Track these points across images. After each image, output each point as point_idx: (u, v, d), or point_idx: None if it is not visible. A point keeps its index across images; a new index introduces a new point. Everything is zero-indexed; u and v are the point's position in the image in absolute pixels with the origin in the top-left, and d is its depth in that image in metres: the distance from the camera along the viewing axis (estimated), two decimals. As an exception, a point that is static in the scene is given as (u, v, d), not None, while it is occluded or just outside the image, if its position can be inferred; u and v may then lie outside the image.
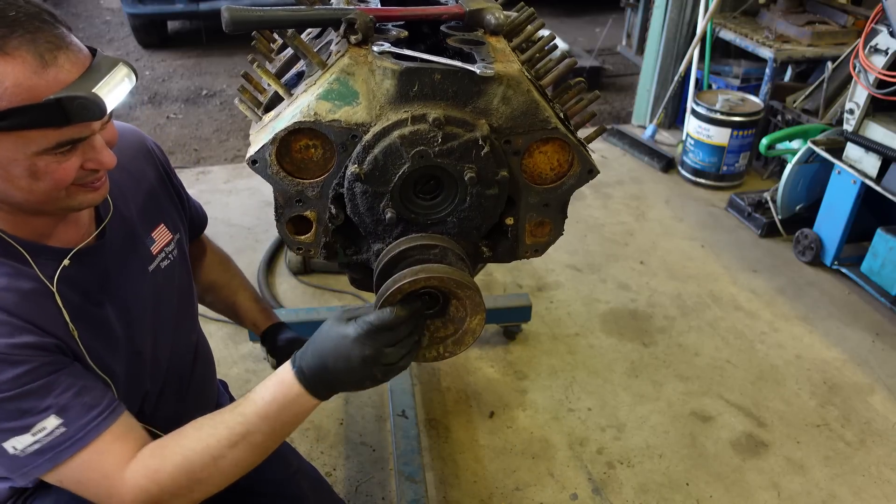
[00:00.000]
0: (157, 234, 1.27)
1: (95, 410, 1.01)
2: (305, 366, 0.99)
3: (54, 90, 0.89)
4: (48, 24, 0.91)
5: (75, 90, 0.90)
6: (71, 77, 0.92)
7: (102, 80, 0.94)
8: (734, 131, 3.68)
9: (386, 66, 1.03)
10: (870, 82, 2.72)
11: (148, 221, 1.26)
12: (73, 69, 0.92)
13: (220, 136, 4.57)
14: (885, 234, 2.86)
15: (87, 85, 0.92)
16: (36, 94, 0.89)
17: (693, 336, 2.79)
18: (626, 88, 5.40)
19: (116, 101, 0.97)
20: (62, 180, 0.97)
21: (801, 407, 2.47)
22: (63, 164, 0.96)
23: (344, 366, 0.97)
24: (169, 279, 1.28)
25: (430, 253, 1.11)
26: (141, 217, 1.24)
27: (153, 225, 1.27)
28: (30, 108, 0.88)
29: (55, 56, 0.90)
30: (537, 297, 2.96)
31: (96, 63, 0.96)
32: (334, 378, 0.98)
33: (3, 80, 0.87)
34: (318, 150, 1.09)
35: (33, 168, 0.94)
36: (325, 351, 0.98)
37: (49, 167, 0.95)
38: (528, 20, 1.36)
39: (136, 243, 1.22)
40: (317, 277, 3.02)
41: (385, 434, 2.30)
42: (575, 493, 2.12)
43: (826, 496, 2.15)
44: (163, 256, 1.27)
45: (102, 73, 0.95)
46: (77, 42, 0.96)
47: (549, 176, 1.18)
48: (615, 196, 3.82)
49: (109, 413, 1.02)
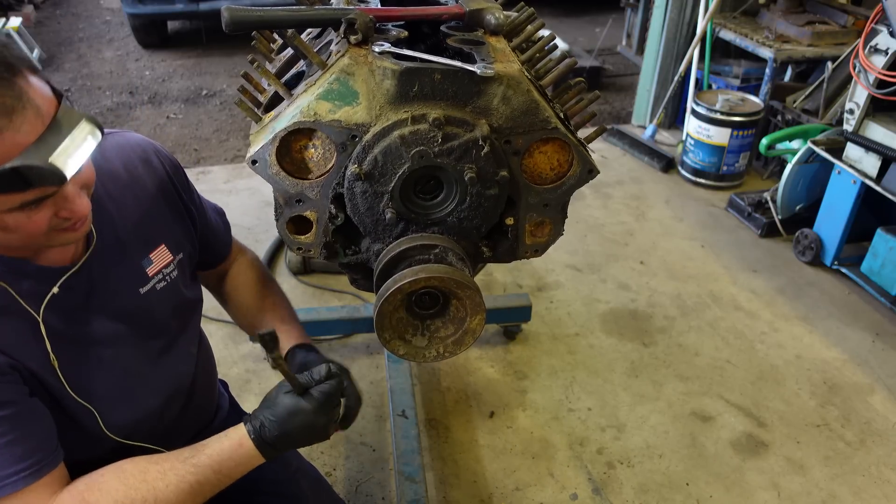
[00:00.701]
0: (156, 254, 1.22)
1: (24, 463, 0.98)
2: (268, 437, 1.07)
3: (13, 155, 0.85)
4: (3, 81, 0.85)
5: (32, 157, 0.86)
6: (29, 138, 0.86)
7: (62, 143, 0.89)
8: (734, 131, 3.68)
9: (386, 66, 1.03)
10: (870, 82, 2.72)
11: (145, 242, 1.20)
12: (31, 130, 0.87)
13: (220, 136, 4.57)
14: (885, 234, 2.85)
15: (46, 149, 0.87)
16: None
17: (693, 336, 2.79)
18: (626, 88, 5.40)
19: (79, 163, 0.91)
20: (34, 233, 0.95)
21: (801, 407, 2.47)
22: (33, 218, 0.93)
23: (308, 433, 1.10)
24: (165, 300, 1.23)
25: (431, 253, 1.11)
26: (137, 237, 1.18)
27: (151, 245, 1.21)
28: None
29: (10, 119, 0.85)
30: (537, 297, 2.96)
31: (59, 118, 0.90)
32: (295, 444, 1.11)
33: None
34: (318, 150, 1.10)
35: (2, 223, 0.91)
36: (288, 425, 1.08)
37: (18, 222, 0.92)
38: (528, 20, 1.36)
39: (129, 265, 1.17)
40: (317, 277, 3.02)
41: (385, 434, 2.30)
42: (575, 493, 2.12)
43: (826, 496, 2.15)
44: (160, 278, 1.22)
45: (63, 134, 0.89)
46: (39, 92, 0.89)
47: (549, 176, 1.18)
48: (615, 196, 3.82)
49: (38, 469, 0.99)
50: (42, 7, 7.32)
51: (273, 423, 1.08)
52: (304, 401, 1.09)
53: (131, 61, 5.93)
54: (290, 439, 1.09)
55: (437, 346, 1.13)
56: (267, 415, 1.09)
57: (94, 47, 6.25)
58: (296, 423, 1.08)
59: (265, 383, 2.43)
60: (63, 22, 6.96)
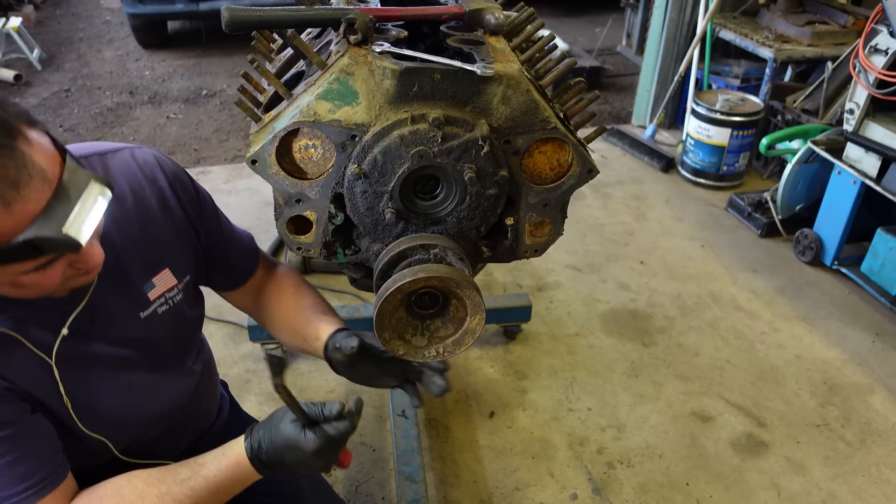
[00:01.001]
0: (159, 279, 1.18)
1: (26, 483, 0.97)
2: (264, 460, 1.06)
3: (23, 225, 0.83)
4: (4, 150, 0.81)
5: (44, 227, 0.84)
6: (38, 206, 0.84)
7: (73, 210, 0.86)
8: (734, 131, 3.68)
9: (386, 66, 1.03)
10: (870, 82, 2.72)
11: (148, 266, 1.16)
12: (39, 197, 0.84)
13: (220, 136, 4.57)
14: (885, 234, 2.85)
15: (57, 217, 0.85)
16: (3, 235, 0.82)
17: (693, 336, 2.79)
18: (626, 88, 5.40)
19: (91, 228, 0.89)
20: (49, 287, 0.94)
21: (801, 407, 2.47)
22: (47, 275, 0.92)
23: (303, 468, 1.08)
24: (167, 323, 1.20)
25: (430, 253, 1.11)
26: (139, 262, 1.14)
27: (155, 269, 1.17)
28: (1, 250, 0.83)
29: (18, 191, 0.81)
30: (537, 297, 2.96)
31: (65, 182, 0.87)
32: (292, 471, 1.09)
33: None
34: (318, 149, 1.10)
35: (17, 282, 0.90)
36: (283, 455, 1.06)
37: (33, 280, 0.91)
38: (527, 20, 1.36)
39: (130, 290, 1.14)
40: (317, 277, 3.02)
41: (385, 434, 2.30)
42: (575, 493, 2.12)
43: (826, 496, 2.15)
44: (161, 302, 1.18)
45: (73, 198, 0.87)
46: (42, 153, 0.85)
47: (549, 176, 1.18)
48: (615, 196, 3.82)
49: (41, 488, 0.98)
50: (42, 7, 7.32)
51: (270, 449, 1.06)
52: (305, 436, 1.05)
53: (131, 61, 5.93)
54: (284, 467, 1.07)
55: (437, 345, 1.13)
56: (266, 438, 1.07)
57: (94, 47, 6.25)
58: (291, 458, 1.06)
59: (265, 383, 2.43)
60: (63, 22, 6.96)
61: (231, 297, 1.42)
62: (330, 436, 1.06)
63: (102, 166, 1.12)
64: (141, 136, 4.56)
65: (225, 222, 1.34)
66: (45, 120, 4.76)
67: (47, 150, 0.87)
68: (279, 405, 1.11)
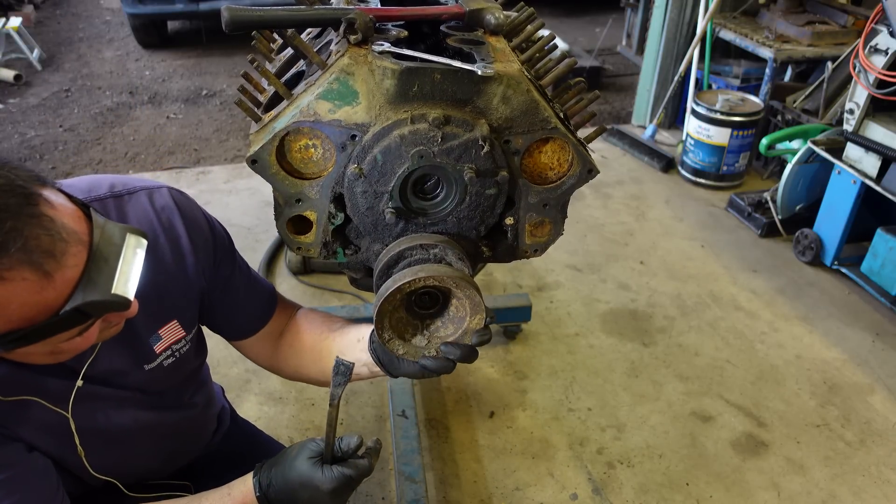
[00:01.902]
0: (166, 331, 1.14)
1: None
2: (274, 496, 1.04)
3: (66, 294, 0.80)
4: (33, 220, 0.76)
5: (91, 292, 0.80)
6: (78, 270, 0.80)
7: (117, 269, 0.83)
8: (734, 131, 3.68)
9: (386, 66, 1.03)
10: (870, 82, 2.72)
11: (156, 318, 1.11)
12: (78, 261, 0.80)
13: (220, 136, 4.57)
14: (885, 234, 2.85)
15: (102, 278, 0.81)
16: (48, 308, 0.79)
17: (693, 336, 2.79)
18: (626, 88, 5.40)
19: (136, 283, 0.85)
20: (85, 347, 0.91)
21: (801, 407, 2.47)
22: (86, 337, 0.89)
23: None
24: (172, 374, 1.17)
25: (431, 252, 1.11)
26: (147, 314, 1.07)
27: (162, 322, 1.13)
28: (45, 324, 0.80)
29: (56, 260, 0.78)
30: (537, 297, 2.95)
31: (100, 241, 0.83)
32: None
33: (8, 304, 0.76)
34: (318, 149, 1.09)
35: (56, 350, 0.88)
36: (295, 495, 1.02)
37: (73, 345, 0.88)
38: (527, 20, 1.36)
39: (136, 343, 1.10)
40: (317, 277, 3.02)
41: (385, 434, 2.30)
42: (575, 493, 2.12)
43: (826, 496, 2.15)
44: (167, 354, 1.15)
45: (113, 257, 0.83)
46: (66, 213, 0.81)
47: (549, 176, 1.18)
48: (615, 196, 3.82)
49: None
50: (42, 7, 7.32)
51: (281, 486, 1.03)
52: (323, 474, 1.02)
53: (131, 61, 5.93)
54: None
55: (437, 345, 1.13)
56: (277, 475, 1.04)
57: (94, 47, 6.25)
58: (304, 496, 1.03)
59: (265, 383, 2.43)
60: (63, 22, 6.96)
61: (246, 348, 1.34)
62: (348, 476, 1.04)
63: (119, 212, 1.07)
64: (141, 136, 4.56)
65: (242, 264, 1.28)
66: (45, 120, 4.76)
67: (69, 209, 0.83)
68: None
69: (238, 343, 1.33)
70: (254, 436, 1.59)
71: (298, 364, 1.32)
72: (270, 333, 1.33)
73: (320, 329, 1.30)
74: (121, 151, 4.35)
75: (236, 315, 1.28)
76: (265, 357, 1.36)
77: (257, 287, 1.30)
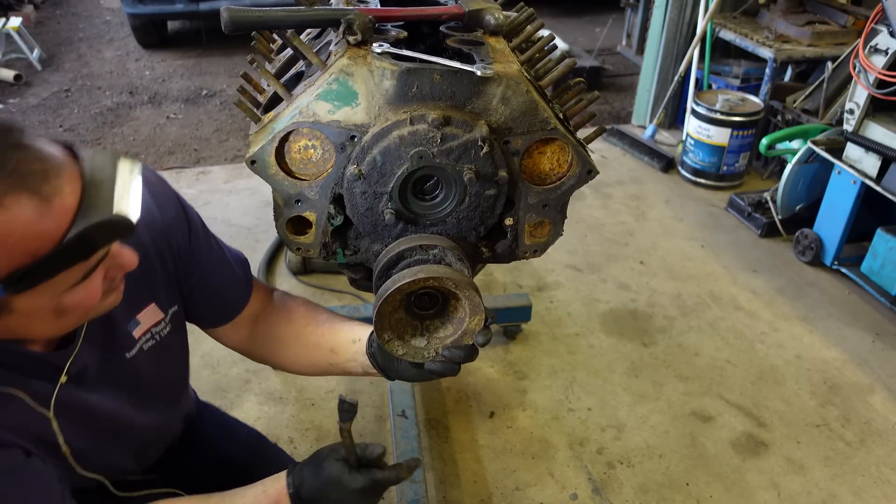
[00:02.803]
0: (144, 315, 1.12)
1: None
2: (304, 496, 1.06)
3: (66, 223, 0.76)
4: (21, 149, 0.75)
5: (93, 215, 0.77)
6: (75, 198, 0.77)
7: (115, 189, 0.80)
8: (734, 131, 3.68)
9: (385, 67, 1.03)
10: (870, 82, 2.72)
11: (133, 304, 1.09)
12: (73, 188, 0.77)
13: (220, 136, 4.58)
14: (885, 234, 2.85)
15: (101, 202, 0.78)
16: (50, 238, 0.76)
17: (693, 336, 2.79)
18: (626, 88, 5.40)
19: (138, 203, 0.82)
20: (90, 306, 0.87)
21: (801, 407, 2.47)
22: (88, 288, 0.85)
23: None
24: (154, 359, 1.15)
25: (430, 253, 1.11)
26: (124, 300, 1.04)
27: (139, 306, 1.11)
28: (50, 256, 0.76)
29: (51, 184, 0.75)
30: (537, 297, 2.95)
31: (92, 167, 0.80)
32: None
33: (8, 235, 0.73)
34: (318, 150, 1.10)
35: (60, 308, 0.84)
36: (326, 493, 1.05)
37: (75, 299, 0.84)
38: (527, 20, 1.36)
39: (115, 331, 1.08)
40: (317, 277, 3.02)
41: (385, 434, 2.30)
42: (575, 493, 2.12)
43: (826, 496, 2.15)
44: (147, 338, 1.13)
45: (108, 181, 0.80)
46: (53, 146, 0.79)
47: (549, 176, 1.18)
48: (615, 196, 3.82)
49: None
50: (42, 7, 7.32)
51: (313, 484, 1.06)
52: (351, 475, 1.06)
53: (131, 61, 5.93)
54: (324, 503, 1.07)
55: (437, 346, 1.13)
56: (309, 475, 1.07)
57: (94, 47, 6.25)
58: (334, 495, 1.06)
59: (265, 383, 2.43)
60: (63, 22, 6.96)
61: (221, 333, 1.32)
62: (377, 479, 1.08)
63: None
64: (141, 136, 4.56)
65: (216, 245, 1.26)
66: (45, 120, 4.76)
67: (54, 144, 0.81)
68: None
69: (214, 331, 1.31)
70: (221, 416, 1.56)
71: (276, 352, 1.32)
72: (246, 317, 1.31)
73: (305, 319, 1.30)
74: (121, 151, 4.35)
75: (214, 299, 1.26)
76: (237, 341, 1.34)
77: (233, 270, 1.28)
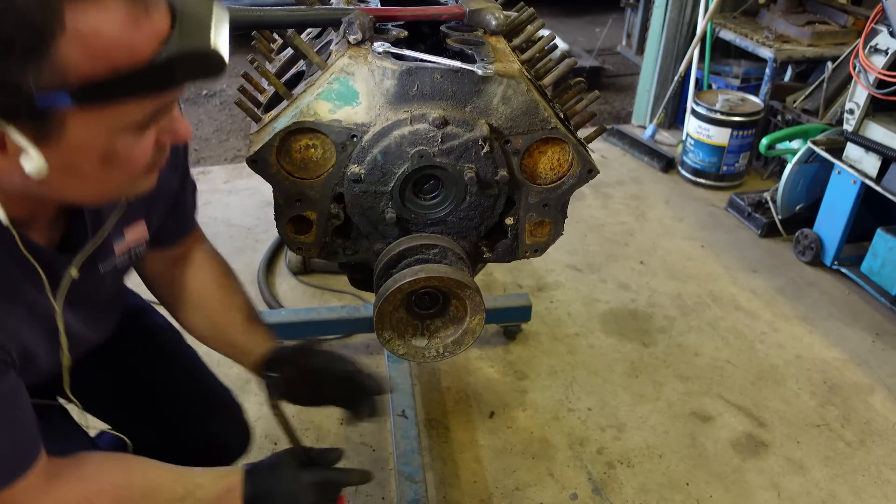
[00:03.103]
0: (131, 230, 1.06)
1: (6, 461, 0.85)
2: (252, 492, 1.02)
3: (153, 48, 0.70)
4: None
5: (188, 43, 0.71)
6: (166, 24, 0.71)
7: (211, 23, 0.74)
8: (734, 131, 3.68)
9: (386, 66, 1.03)
10: (870, 82, 2.72)
11: (125, 213, 1.03)
12: (163, 18, 0.71)
13: (220, 136, 4.57)
14: (885, 234, 2.85)
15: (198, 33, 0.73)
16: (136, 55, 0.69)
17: (693, 336, 2.79)
18: (626, 88, 5.40)
19: (227, 50, 0.77)
20: (138, 164, 0.80)
21: (801, 407, 2.47)
22: (141, 143, 0.79)
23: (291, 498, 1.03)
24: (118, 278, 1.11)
25: (430, 253, 1.11)
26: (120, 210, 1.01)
27: (130, 219, 1.05)
28: (133, 74, 0.69)
29: (144, 4, 0.69)
30: (537, 297, 2.95)
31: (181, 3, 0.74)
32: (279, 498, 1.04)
33: (97, 35, 0.66)
34: (318, 149, 1.10)
35: (109, 153, 0.76)
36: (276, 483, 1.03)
37: (126, 149, 0.77)
38: (528, 20, 1.36)
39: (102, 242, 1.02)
40: (317, 277, 3.02)
41: (385, 434, 2.30)
42: (575, 493, 2.12)
43: (826, 496, 2.15)
44: (125, 258, 1.07)
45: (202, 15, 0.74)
46: None
47: (549, 176, 1.18)
48: (615, 196, 3.82)
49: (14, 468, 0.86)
50: (42, 7, 7.31)
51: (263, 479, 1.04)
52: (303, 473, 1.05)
53: (131, 61, 5.93)
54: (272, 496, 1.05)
55: (437, 345, 1.13)
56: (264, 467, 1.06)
57: (94, 47, 6.25)
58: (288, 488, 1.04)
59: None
60: (63, 22, 6.96)
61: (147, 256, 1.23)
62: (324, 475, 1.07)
63: None
64: (141, 136, 4.56)
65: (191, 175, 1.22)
66: (45, 120, 4.76)
67: None
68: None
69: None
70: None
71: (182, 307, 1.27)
72: (172, 255, 1.25)
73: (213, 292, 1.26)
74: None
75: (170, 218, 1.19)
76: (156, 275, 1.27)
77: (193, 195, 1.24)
